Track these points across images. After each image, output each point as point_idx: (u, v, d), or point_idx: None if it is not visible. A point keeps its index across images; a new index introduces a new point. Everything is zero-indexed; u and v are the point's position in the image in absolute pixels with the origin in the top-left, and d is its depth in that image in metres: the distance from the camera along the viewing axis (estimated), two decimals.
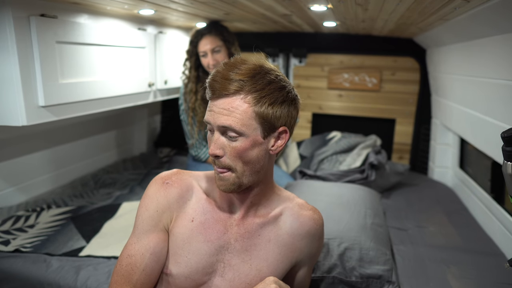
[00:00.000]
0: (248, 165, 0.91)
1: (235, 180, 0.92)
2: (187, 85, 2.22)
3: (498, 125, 1.54)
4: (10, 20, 1.35)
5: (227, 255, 0.99)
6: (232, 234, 0.99)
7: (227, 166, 0.91)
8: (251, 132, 0.89)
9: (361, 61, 2.91)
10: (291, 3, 1.60)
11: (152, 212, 0.98)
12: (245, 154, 0.90)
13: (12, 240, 1.69)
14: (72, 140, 2.52)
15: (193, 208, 0.99)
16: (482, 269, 1.56)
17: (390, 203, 2.25)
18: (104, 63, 1.85)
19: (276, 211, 1.04)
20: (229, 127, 0.88)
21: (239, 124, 0.87)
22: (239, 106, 0.87)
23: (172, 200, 0.98)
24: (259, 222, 1.01)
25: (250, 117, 0.88)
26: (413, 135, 2.90)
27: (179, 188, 0.99)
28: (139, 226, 0.99)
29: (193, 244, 0.97)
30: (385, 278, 1.41)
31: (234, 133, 0.88)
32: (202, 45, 2.11)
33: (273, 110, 0.90)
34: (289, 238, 1.03)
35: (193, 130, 2.23)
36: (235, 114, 0.87)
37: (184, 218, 0.98)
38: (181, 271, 0.97)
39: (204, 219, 0.98)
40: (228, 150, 0.90)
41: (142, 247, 0.96)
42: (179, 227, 0.98)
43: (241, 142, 0.89)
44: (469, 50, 1.81)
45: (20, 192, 2.15)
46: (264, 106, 0.89)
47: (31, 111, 1.47)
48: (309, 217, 1.05)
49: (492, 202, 1.86)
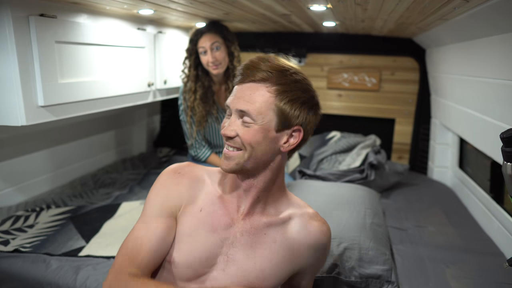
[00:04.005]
0: (255, 152, 0.93)
1: (239, 160, 0.94)
2: (186, 84, 2.22)
3: (498, 125, 1.55)
4: (9, 20, 1.34)
5: (231, 249, 0.98)
6: (238, 228, 0.99)
7: (236, 146, 0.94)
8: (266, 121, 0.92)
9: (360, 61, 2.91)
10: (291, 3, 1.60)
11: (162, 198, 0.99)
12: (255, 141, 0.92)
13: (11, 240, 1.69)
14: (71, 140, 2.52)
15: (202, 199, 1.00)
16: (481, 268, 1.56)
17: (390, 203, 2.25)
18: (103, 63, 1.85)
19: (284, 214, 1.03)
20: (246, 112, 0.91)
21: (256, 111, 0.91)
22: (261, 95, 0.92)
23: (183, 189, 1.00)
24: (266, 221, 1.01)
25: (269, 108, 0.92)
26: (413, 135, 2.91)
27: (190, 178, 1.01)
28: (147, 211, 1.00)
29: (199, 233, 0.98)
30: (385, 278, 1.41)
31: (250, 118, 0.92)
32: (202, 42, 2.11)
33: (293, 107, 0.93)
34: (295, 244, 1.02)
35: (192, 130, 2.23)
36: (255, 100, 0.91)
37: (193, 207, 0.99)
38: (183, 259, 0.97)
39: (212, 210, 0.99)
40: (240, 133, 0.93)
41: (149, 231, 0.97)
42: (187, 216, 0.99)
43: (254, 128, 0.92)
44: (469, 50, 1.82)
45: (20, 192, 2.15)
46: (284, 100, 0.92)
47: (31, 111, 1.46)
48: (318, 228, 1.04)
49: (491, 202, 1.86)
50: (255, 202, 1.00)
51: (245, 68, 0.95)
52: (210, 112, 2.22)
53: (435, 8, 1.47)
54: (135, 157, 3.06)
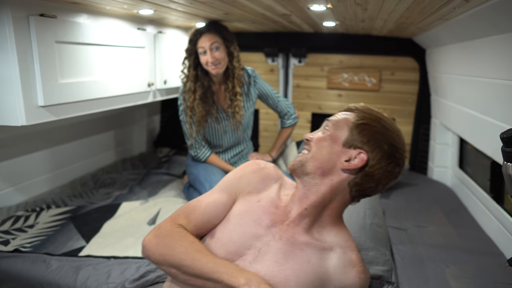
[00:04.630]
0: (316, 153, 1.02)
1: (303, 158, 1.04)
2: (185, 84, 2.22)
3: (498, 124, 1.55)
4: (9, 20, 1.35)
5: (265, 247, 1.00)
6: (279, 231, 1.02)
7: (307, 148, 1.06)
8: (338, 132, 1.02)
9: (360, 61, 2.91)
10: (291, 2, 1.60)
11: (236, 177, 1.10)
12: (320, 143, 1.02)
13: (11, 240, 1.69)
14: (71, 140, 2.52)
15: (265, 194, 1.08)
16: (481, 268, 1.56)
17: (390, 203, 2.25)
18: (103, 63, 1.85)
19: (327, 244, 1.02)
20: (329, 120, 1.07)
21: (335, 121, 1.05)
22: (345, 115, 1.06)
23: (255, 178, 1.10)
24: (306, 240, 1.01)
25: (346, 123, 1.03)
26: (413, 135, 2.91)
27: (266, 174, 1.11)
28: (219, 184, 1.12)
29: (245, 218, 1.03)
30: (385, 278, 1.41)
31: (328, 127, 1.05)
32: (201, 42, 2.11)
33: (364, 135, 1.01)
34: (327, 277, 0.99)
35: (192, 130, 2.23)
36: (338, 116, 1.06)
37: (254, 197, 1.07)
38: (222, 236, 1.02)
39: (267, 205, 1.05)
40: (316, 136, 1.05)
41: (210, 199, 1.07)
42: (245, 201, 1.07)
43: (326, 134, 1.04)
44: (469, 50, 1.82)
45: (20, 192, 2.15)
46: (360, 127, 1.02)
47: (31, 111, 1.46)
48: (357, 272, 1.00)
49: (491, 201, 1.86)
50: (303, 214, 1.02)
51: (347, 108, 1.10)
52: (209, 112, 2.22)
53: (435, 8, 1.47)
54: (135, 157, 3.06)
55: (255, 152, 2.54)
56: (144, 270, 1.47)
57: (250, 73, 2.32)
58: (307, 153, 1.03)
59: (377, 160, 0.98)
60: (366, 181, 0.99)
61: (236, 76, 2.20)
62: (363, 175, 0.99)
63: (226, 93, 2.23)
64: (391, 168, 1.01)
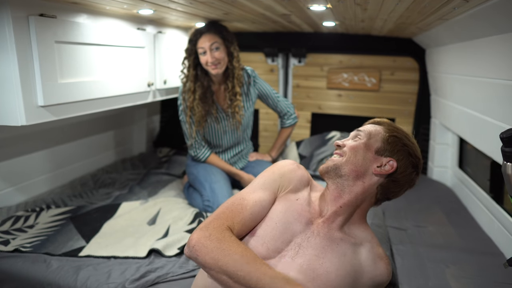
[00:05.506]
0: (352, 158, 1.10)
1: (337, 162, 1.11)
2: (185, 84, 2.22)
3: (497, 124, 1.55)
4: (9, 20, 1.35)
5: (305, 242, 1.06)
6: (316, 228, 1.09)
7: (339, 153, 1.13)
8: (371, 141, 1.12)
9: (360, 61, 2.91)
10: (291, 2, 1.60)
11: (276, 176, 1.14)
12: (356, 150, 1.11)
13: (11, 240, 1.69)
14: (71, 140, 2.52)
15: (302, 193, 1.14)
16: (481, 268, 1.56)
17: (389, 203, 2.21)
18: (103, 63, 1.85)
19: (358, 239, 1.11)
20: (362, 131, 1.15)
21: (367, 131, 1.14)
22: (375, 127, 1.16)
23: (295, 177, 1.15)
24: (341, 236, 1.09)
25: (378, 134, 1.13)
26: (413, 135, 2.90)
27: (302, 174, 1.17)
28: (259, 182, 1.13)
29: (287, 216, 1.08)
30: None
31: (360, 136, 1.14)
32: (201, 42, 2.11)
33: (394, 144, 1.11)
34: (360, 269, 1.07)
35: (191, 130, 2.23)
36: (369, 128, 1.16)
37: (293, 195, 1.13)
38: (264, 234, 1.06)
39: (305, 204, 1.12)
40: (348, 143, 1.13)
41: (256, 196, 1.09)
42: (286, 199, 1.11)
43: (360, 142, 1.12)
44: (468, 50, 1.82)
45: (20, 192, 2.15)
46: (391, 138, 1.12)
47: (30, 111, 1.46)
48: (385, 266, 1.10)
49: (491, 201, 1.86)
50: (337, 212, 1.10)
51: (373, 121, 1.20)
52: (209, 112, 2.22)
53: (435, 8, 1.47)
54: (135, 157, 3.06)
55: (255, 152, 2.54)
56: (144, 270, 1.47)
57: (250, 73, 2.32)
58: (341, 158, 1.11)
59: (404, 168, 1.10)
60: (392, 185, 1.11)
61: (236, 76, 2.20)
62: (391, 180, 1.11)
63: (226, 93, 2.23)
64: (414, 176, 1.13)
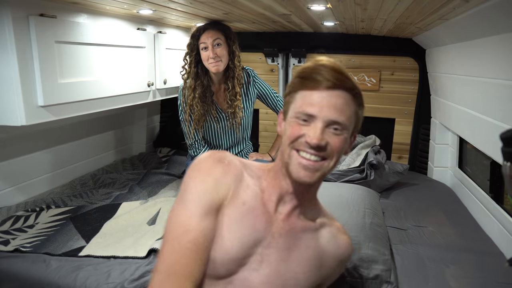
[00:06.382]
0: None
1: (325, 171, 0.91)
2: (186, 81, 2.22)
3: (497, 124, 1.55)
4: (9, 20, 1.35)
5: (267, 250, 0.93)
6: (276, 229, 0.94)
7: (322, 155, 0.89)
8: (350, 128, 0.91)
9: (360, 61, 2.91)
10: (291, 2, 1.60)
11: (210, 185, 0.90)
12: (342, 149, 0.91)
13: (11, 240, 1.69)
14: (71, 140, 2.51)
15: (244, 192, 0.93)
16: (481, 268, 1.56)
17: (389, 202, 2.25)
18: (103, 63, 1.85)
19: (318, 222, 1.02)
20: (341, 123, 0.88)
21: (348, 120, 0.89)
22: (351, 104, 0.90)
23: (230, 179, 0.92)
24: (302, 225, 0.98)
25: (353, 115, 0.91)
26: (412, 135, 2.91)
27: (234, 168, 0.94)
28: (195, 201, 0.88)
29: (241, 229, 0.91)
30: (384, 278, 1.41)
31: (341, 127, 0.89)
32: (204, 38, 2.11)
33: (362, 113, 0.94)
34: (325, 254, 1.00)
35: (191, 128, 2.22)
36: (347, 110, 0.89)
37: (237, 200, 0.92)
38: (221, 256, 0.89)
39: (254, 206, 0.93)
40: (331, 142, 0.89)
41: (204, 226, 0.87)
42: (231, 208, 0.91)
43: (344, 137, 0.90)
44: (468, 50, 1.82)
45: (19, 192, 2.15)
46: (361, 108, 0.94)
47: (30, 111, 1.46)
48: (346, 243, 1.05)
49: (491, 201, 1.86)
50: (297, 205, 0.97)
51: (334, 72, 0.88)
52: (209, 112, 2.22)
53: (434, 8, 1.47)
54: (135, 157, 3.06)
55: (255, 152, 2.54)
56: (144, 270, 1.47)
57: (250, 73, 2.32)
58: (327, 163, 0.90)
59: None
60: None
61: (236, 75, 2.20)
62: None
63: (226, 93, 2.23)
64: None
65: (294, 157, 0.90)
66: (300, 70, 0.93)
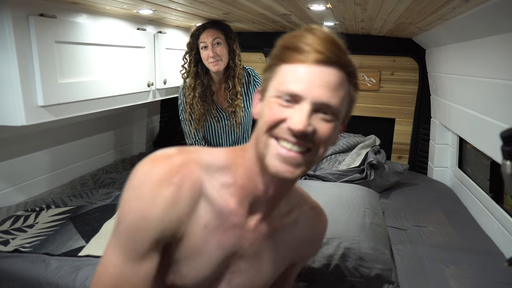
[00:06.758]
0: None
1: (309, 165, 0.73)
2: (185, 80, 2.22)
3: (497, 124, 1.55)
4: (9, 20, 1.34)
5: (238, 261, 0.82)
6: (247, 239, 0.81)
7: (311, 147, 0.71)
8: (342, 114, 0.73)
9: (360, 61, 2.91)
10: (290, 2, 1.60)
11: (155, 221, 0.71)
12: (331, 138, 0.73)
13: (11, 240, 1.69)
14: (71, 140, 2.51)
15: (205, 210, 0.76)
16: (481, 268, 1.56)
17: (389, 202, 2.25)
18: (103, 63, 1.85)
19: (292, 207, 0.89)
20: (332, 106, 0.69)
21: (340, 104, 0.71)
22: (344, 83, 0.71)
23: (183, 204, 0.73)
24: (274, 225, 0.85)
25: (347, 98, 0.73)
26: (412, 135, 2.91)
27: (188, 187, 0.73)
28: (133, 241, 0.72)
29: (205, 254, 0.78)
30: (385, 277, 1.41)
31: (332, 113, 0.70)
32: (204, 37, 2.11)
33: (355, 100, 0.76)
34: (300, 242, 0.92)
35: (191, 128, 2.22)
36: (340, 91, 0.70)
37: (196, 224, 0.76)
38: (186, 282, 0.79)
39: (220, 223, 0.77)
40: (320, 129, 0.70)
41: (144, 269, 0.73)
42: (190, 236, 0.76)
43: (335, 124, 0.72)
44: (468, 50, 1.82)
45: (19, 192, 2.15)
46: (355, 91, 0.75)
47: (30, 111, 1.46)
48: (323, 224, 0.97)
49: (491, 201, 1.86)
50: (271, 211, 0.83)
51: (327, 43, 0.71)
52: (209, 111, 2.22)
53: (434, 8, 1.47)
54: (135, 157, 3.06)
55: None
56: None
57: (250, 72, 2.32)
58: (311, 155, 0.72)
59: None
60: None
61: (236, 75, 2.20)
62: None
63: (227, 92, 2.23)
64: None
65: (272, 147, 0.71)
66: (285, 37, 0.76)
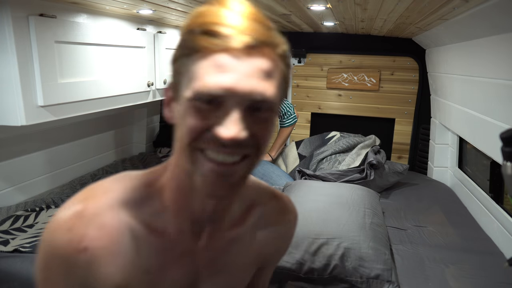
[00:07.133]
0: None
1: (250, 169, 0.58)
2: None
3: (497, 124, 1.55)
4: (9, 20, 1.34)
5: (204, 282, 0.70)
6: (203, 260, 0.68)
7: (245, 153, 0.55)
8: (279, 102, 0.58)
9: (360, 61, 2.91)
10: (290, 2, 1.60)
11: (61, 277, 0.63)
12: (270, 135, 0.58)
13: (11, 240, 1.69)
14: (71, 140, 2.51)
15: (140, 254, 0.63)
16: (481, 268, 1.56)
17: (389, 202, 2.25)
18: (103, 63, 1.85)
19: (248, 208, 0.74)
20: (269, 100, 0.53)
21: (276, 95, 0.54)
22: (279, 66, 0.55)
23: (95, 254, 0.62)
24: (230, 235, 0.71)
25: (282, 82, 0.56)
26: (412, 135, 2.91)
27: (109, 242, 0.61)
28: None
29: None
30: (385, 277, 1.41)
31: (269, 108, 0.54)
32: None
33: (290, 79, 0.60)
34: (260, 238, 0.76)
35: None
36: (274, 78, 0.53)
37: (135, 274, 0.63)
38: None
39: (164, 259, 0.65)
40: (256, 131, 0.54)
41: None
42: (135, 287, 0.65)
43: (272, 120, 0.56)
44: (468, 50, 1.82)
45: (19, 192, 2.15)
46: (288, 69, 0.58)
47: (30, 111, 1.46)
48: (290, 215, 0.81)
49: (491, 201, 1.86)
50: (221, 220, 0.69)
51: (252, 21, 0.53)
52: None
53: (434, 8, 1.47)
54: (135, 157, 3.06)
55: None
56: None
57: None
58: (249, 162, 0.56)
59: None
60: None
61: None
62: None
63: None
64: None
65: (199, 162, 0.55)
66: (197, 17, 0.54)
